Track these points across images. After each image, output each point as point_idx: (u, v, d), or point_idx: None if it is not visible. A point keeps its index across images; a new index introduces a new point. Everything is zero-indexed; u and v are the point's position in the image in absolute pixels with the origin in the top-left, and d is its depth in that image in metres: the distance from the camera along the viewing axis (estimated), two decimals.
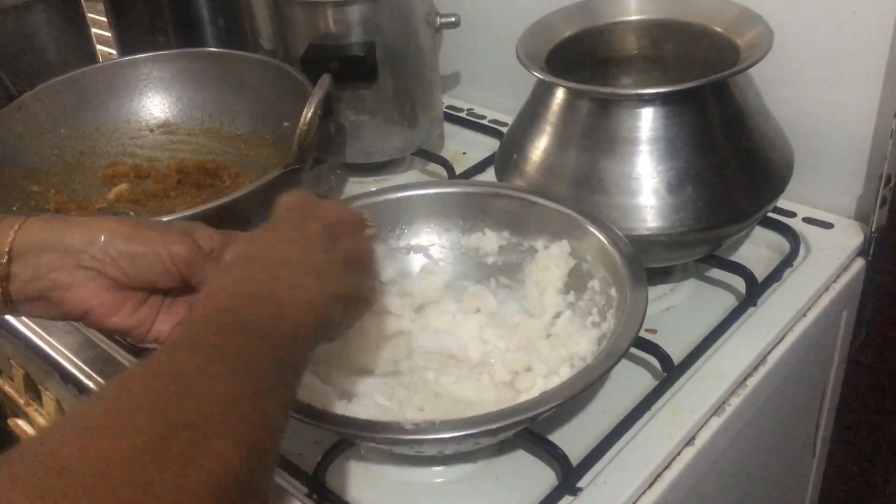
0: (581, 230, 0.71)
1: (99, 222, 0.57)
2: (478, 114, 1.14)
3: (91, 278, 0.56)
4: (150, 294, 0.59)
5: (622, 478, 0.63)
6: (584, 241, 0.71)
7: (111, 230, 0.56)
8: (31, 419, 0.98)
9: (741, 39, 0.75)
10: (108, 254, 0.56)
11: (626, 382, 0.71)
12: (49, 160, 0.94)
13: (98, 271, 0.56)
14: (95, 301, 0.56)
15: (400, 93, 0.96)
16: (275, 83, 0.95)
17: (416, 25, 0.94)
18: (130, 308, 0.58)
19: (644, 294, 0.64)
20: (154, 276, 0.57)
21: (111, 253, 0.56)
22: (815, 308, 0.78)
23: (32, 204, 0.88)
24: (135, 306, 0.58)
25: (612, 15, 0.84)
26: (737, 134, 0.73)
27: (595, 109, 0.73)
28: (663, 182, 0.71)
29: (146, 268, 0.56)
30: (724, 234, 0.75)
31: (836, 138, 0.84)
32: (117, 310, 0.57)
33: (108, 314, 0.57)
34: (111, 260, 0.56)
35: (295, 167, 0.79)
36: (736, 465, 0.76)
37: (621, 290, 0.66)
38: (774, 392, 0.75)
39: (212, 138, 1.00)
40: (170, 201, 0.92)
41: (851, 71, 0.80)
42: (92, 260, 0.56)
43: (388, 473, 0.66)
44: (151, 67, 1.00)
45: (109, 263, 0.56)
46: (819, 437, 0.96)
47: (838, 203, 0.87)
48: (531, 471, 0.65)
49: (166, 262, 0.57)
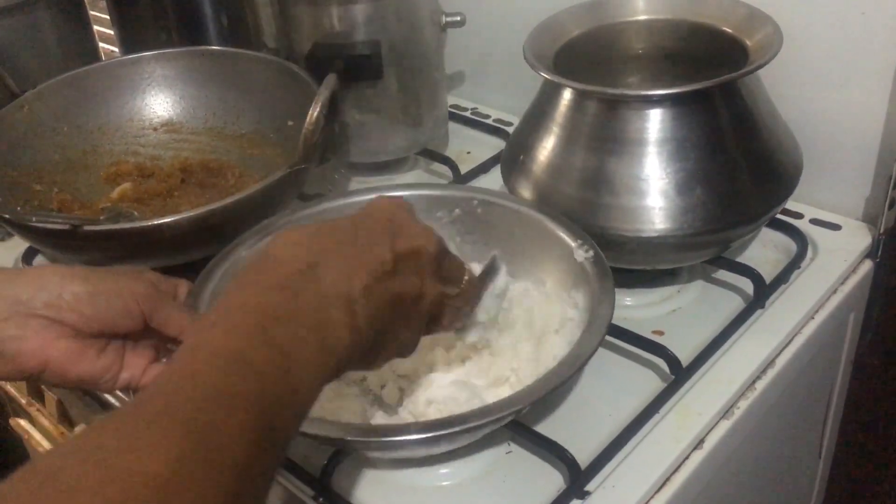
0: (545, 233, 0.71)
1: (50, 269, 0.54)
2: (482, 113, 1.14)
3: (45, 326, 0.52)
4: (110, 340, 0.55)
5: (631, 481, 0.62)
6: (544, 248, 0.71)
7: (63, 274, 0.53)
8: (32, 419, 0.98)
9: (750, 40, 0.75)
10: (63, 298, 0.52)
11: (634, 385, 0.70)
12: (52, 159, 0.93)
13: (51, 319, 0.52)
14: (53, 351, 0.52)
15: (405, 92, 0.95)
16: (279, 82, 0.94)
17: (421, 24, 0.93)
18: (93, 355, 0.53)
19: (611, 290, 0.64)
20: (114, 317, 0.53)
21: (66, 297, 0.52)
22: (823, 310, 0.78)
23: (35, 203, 0.88)
24: (97, 353, 0.54)
25: (621, 15, 0.84)
26: (746, 135, 0.73)
27: (603, 110, 0.73)
28: (672, 183, 0.71)
29: (105, 307, 0.53)
30: (733, 236, 0.75)
31: (844, 140, 0.84)
32: (79, 358, 0.53)
33: (69, 364, 0.52)
34: (66, 304, 0.52)
35: (300, 166, 0.79)
36: (744, 467, 0.75)
37: (588, 293, 0.66)
38: (782, 394, 0.75)
39: (215, 137, 1.00)
40: (173, 200, 0.92)
41: (860, 72, 0.80)
42: (45, 307, 0.52)
43: (394, 477, 0.66)
44: (155, 66, 0.99)
45: (65, 308, 0.52)
46: (825, 438, 0.95)
47: (846, 205, 0.86)
48: (539, 474, 0.64)
49: (127, 299, 0.53)
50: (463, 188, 0.80)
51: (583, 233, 0.70)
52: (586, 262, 0.67)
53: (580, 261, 0.68)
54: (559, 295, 0.71)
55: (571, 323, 0.68)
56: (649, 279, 0.80)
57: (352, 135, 0.96)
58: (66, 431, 0.92)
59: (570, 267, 0.69)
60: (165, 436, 0.33)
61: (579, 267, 0.68)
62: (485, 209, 0.75)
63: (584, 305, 0.66)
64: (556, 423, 0.67)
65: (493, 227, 0.75)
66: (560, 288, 0.71)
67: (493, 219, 0.75)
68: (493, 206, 0.75)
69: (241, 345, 0.40)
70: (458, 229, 0.76)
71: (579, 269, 0.68)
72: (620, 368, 0.72)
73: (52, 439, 0.95)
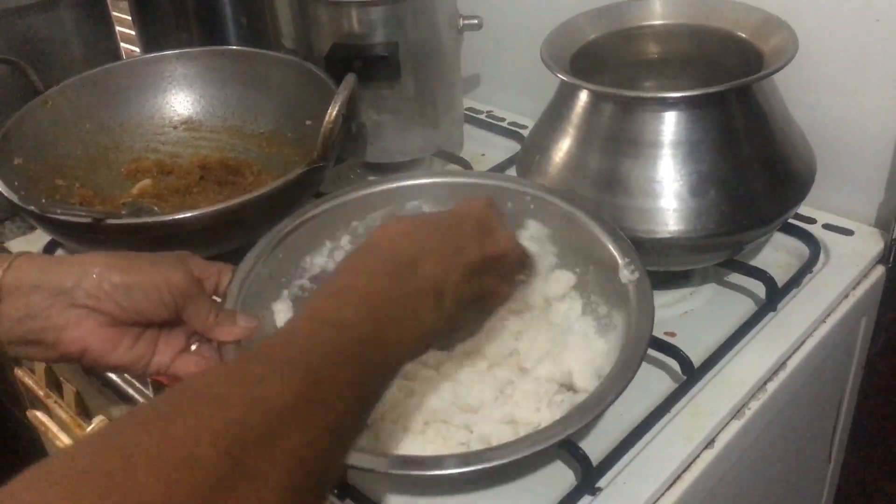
0: (593, 241, 0.70)
1: (91, 258, 0.56)
2: (497, 116, 1.14)
3: (85, 316, 0.55)
4: (146, 328, 0.58)
5: (642, 479, 0.63)
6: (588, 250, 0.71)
7: (104, 264, 0.55)
8: (50, 411, 0.99)
9: (765, 45, 0.76)
10: (102, 288, 0.55)
11: (646, 384, 0.71)
12: (74, 154, 0.95)
13: (92, 308, 0.55)
14: (92, 339, 0.55)
15: (422, 93, 0.96)
16: (298, 82, 0.95)
17: (439, 26, 0.94)
18: (128, 343, 0.57)
19: (650, 314, 0.63)
20: (150, 308, 0.56)
21: (105, 287, 0.55)
22: (835, 315, 0.79)
23: (58, 197, 0.89)
24: (132, 341, 0.57)
25: (637, 19, 0.84)
26: (760, 139, 0.73)
27: (619, 112, 0.73)
28: (686, 186, 0.71)
29: (141, 299, 0.55)
30: (746, 239, 0.75)
31: (858, 145, 0.84)
32: (115, 347, 0.56)
33: (107, 352, 0.56)
34: (105, 294, 0.55)
35: (319, 165, 0.80)
36: (754, 468, 0.76)
37: (625, 316, 0.65)
38: (793, 397, 0.76)
39: (234, 135, 1.01)
40: (192, 197, 0.93)
41: (875, 78, 0.81)
42: (85, 297, 0.54)
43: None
44: (176, 64, 1.01)
45: (104, 299, 0.55)
46: (835, 442, 0.96)
47: (859, 210, 0.87)
48: (551, 470, 0.65)
49: (163, 291, 0.56)
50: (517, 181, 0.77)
51: (633, 250, 0.67)
52: (630, 285, 0.65)
53: (624, 281, 0.66)
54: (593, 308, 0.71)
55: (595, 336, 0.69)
56: (662, 281, 0.81)
57: (368, 135, 0.97)
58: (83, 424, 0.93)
59: (613, 284, 0.67)
60: (290, 377, 0.40)
61: (623, 287, 0.66)
62: (537, 205, 0.74)
63: (621, 329, 0.65)
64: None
65: (544, 226, 0.74)
66: (599, 301, 0.71)
67: (545, 217, 0.74)
68: (546, 204, 0.73)
69: (351, 318, 0.47)
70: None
71: (622, 289, 0.66)
72: None
73: (70, 432, 0.96)
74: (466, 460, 0.55)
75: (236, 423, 0.35)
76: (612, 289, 0.68)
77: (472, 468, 0.55)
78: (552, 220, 0.73)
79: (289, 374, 0.40)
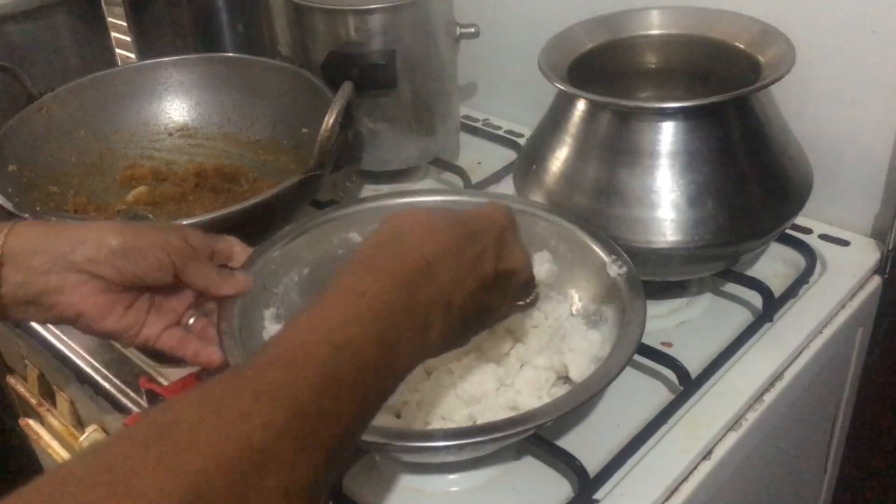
0: (578, 244, 0.71)
1: (90, 224, 0.58)
2: (494, 124, 1.15)
3: (83, 282, 0.56)
4: (139, 295, 0.60)
5: (639, 490, 0.63)
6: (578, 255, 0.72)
7: (102, 228, 0.57)
8: (43, 420, 0.99)
9: (763, 56, 0.76)
10: (101, 252, 0.56)
11: (643, 395, 0.71)
12: (68, 161, 0.94)
13: (90, 273, 0.56)
14: (87, 305, 0.57)
15: (418, 101, 0.96)
16: (294, 89, 0.95)
17: (436, 35, 0.94)
18: (121, 311, 0.59)
19: (642, 307, 0.64)
20: (148, 270, 0.57)
21: (103, 251, 0.56)
22: (832, 325, 0.79)
23: (52, 205, 0.88)
24: (125, 309, 0.59)
25: (635, 29, 0.84)
26: (757, 150, 0.73)
27: (616, 122, 0.73)
28: (683, 196, 0.71)
29: (140, 260, 0.57)
30: (743, 250, 0.75)
31: (854, 156, 0.84)
32: (108, 313, 0.58)
33: (100, 318, 0.58)
34: (104, 258, 0.56)
35: (315, 173, 0.79)
36: (751, 479, 0.76)
37: (619, 306, 0.66)
38: (790, 408, 0.75)
39: (230, 143, 1.01)
40: (187, 205, 0.93)
41: (871, 89, 0.81)
42: (84, 262, 0.56)
43: (404, 481, 0.66)
44: (172, 71, 1.00)
45: (102, 262, 0.56)
46: (831, 452, 0.96)
47: (855, 221, 0.87)
48: (547, 481, 0.65)
49: (160, 253, 0.57)
50: (500, 197, 0.78)
51: (617, 248, 0.69)
52: (619, 278, 0.67)
53: (613, 276, 0.68)
54: (586, 308, 0.72)
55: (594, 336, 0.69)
56: (659, 291, 0.80)
57: (364, 143, 0.97)
58: (76, 433, 0.92)
59: (603, 281, 0.69)
60: (274, 410, 0.37)
61: (612, 282, 0.68)
62: (520, 217, 0.74)
63: (614, 321, 0.66)
64: (566, 431, 0.68)
65: (530, 237, 0.73)
66: (590, 301, 0.71)
67: (531, 228, 0.73)
68: (528, 216, 0.74)
69: (357, 340, 0.43)
70: None
71: (611, 284, 0.68)
72: (630, 379, 0.72)
73: (63, 441, 0.95)
74: (455, 433, 0.56)
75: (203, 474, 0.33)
76: (601, 286, 0.69)
77: (462, 441, 0.55)
78: (544, 235, 0.74)
79: (271, 410, 0.37)
